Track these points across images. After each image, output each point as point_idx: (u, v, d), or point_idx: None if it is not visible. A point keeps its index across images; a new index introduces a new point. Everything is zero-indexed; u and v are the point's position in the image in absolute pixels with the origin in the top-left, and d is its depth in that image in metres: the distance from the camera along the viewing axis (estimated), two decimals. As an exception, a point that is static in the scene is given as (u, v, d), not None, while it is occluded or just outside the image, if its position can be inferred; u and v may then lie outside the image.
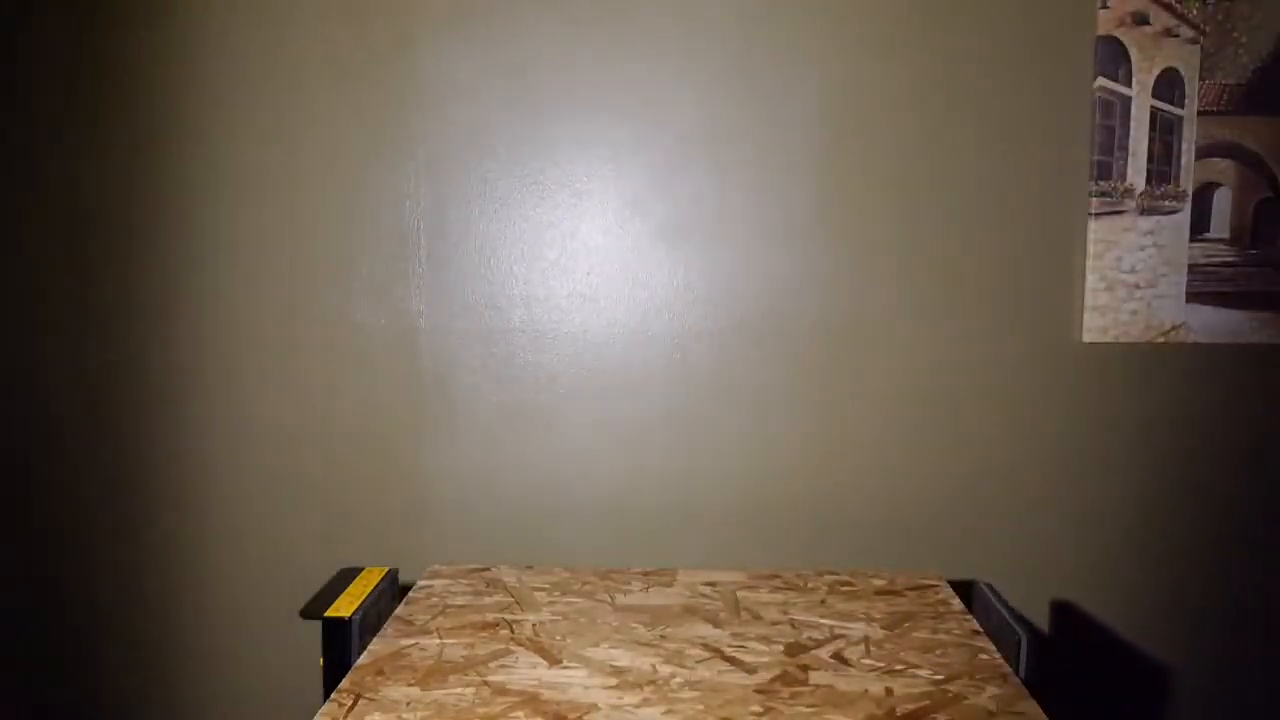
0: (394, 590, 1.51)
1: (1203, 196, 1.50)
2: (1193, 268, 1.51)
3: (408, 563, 1.60)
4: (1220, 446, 1.55)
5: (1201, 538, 1.57)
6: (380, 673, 1.15)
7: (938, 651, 1.22)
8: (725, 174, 1.53)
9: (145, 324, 1.57)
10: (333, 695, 1.10)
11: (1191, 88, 1.49)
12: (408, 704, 1.07)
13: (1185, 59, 1.49)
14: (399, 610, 1.34)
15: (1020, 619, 1.30)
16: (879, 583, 1.46)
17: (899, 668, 1.17)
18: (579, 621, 1.30)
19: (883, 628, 1.29)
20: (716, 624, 1.30)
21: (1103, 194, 1.50)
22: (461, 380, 1.57)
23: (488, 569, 1.51)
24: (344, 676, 1.22)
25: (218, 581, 1.62)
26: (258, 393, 1.58)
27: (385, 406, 1.57)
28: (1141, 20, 1.48)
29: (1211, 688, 1.59)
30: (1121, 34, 1.48)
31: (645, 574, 1.49)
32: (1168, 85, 1.49)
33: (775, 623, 1.31)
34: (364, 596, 1.37)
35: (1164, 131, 1.50)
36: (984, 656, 1.20)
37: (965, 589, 1.58)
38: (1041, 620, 1.59)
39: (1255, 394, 1.54)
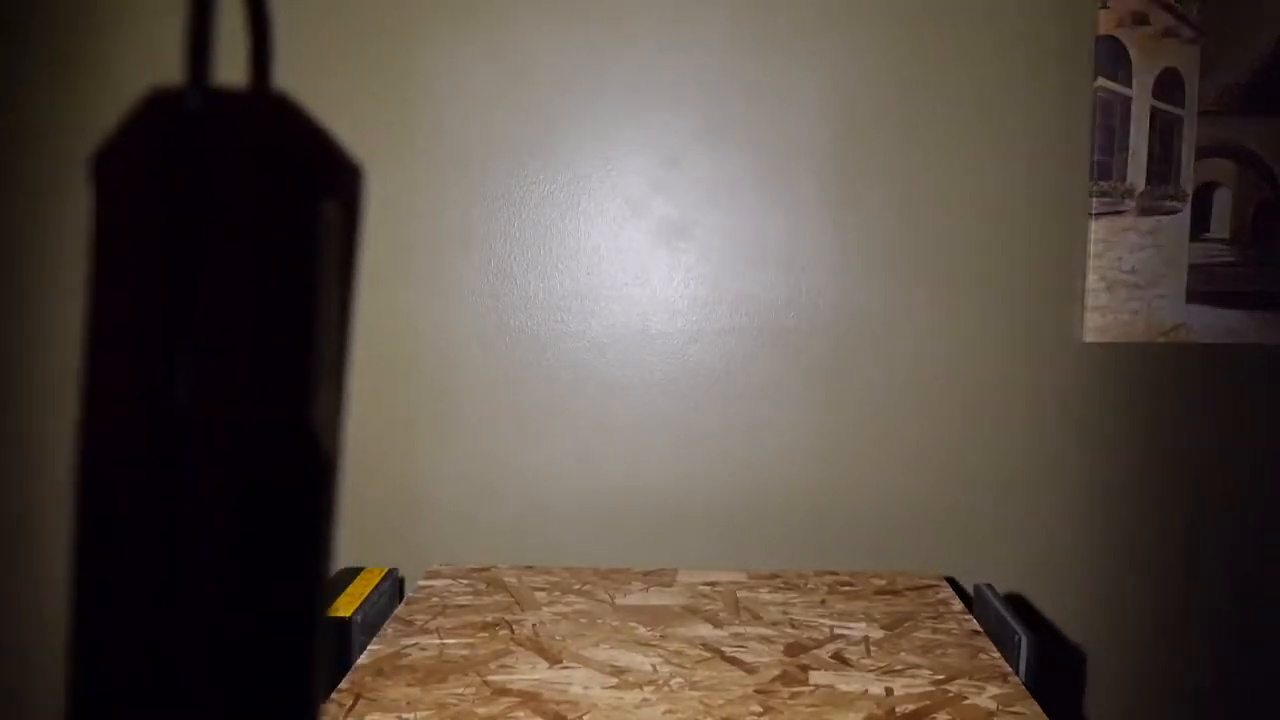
0: (394, 590, 1.51)
1: (1203, 196, 1.50)
2: (1193, 268, 1.51)
3: (408, 563, 1.60)
4: (1220, 446, 1.55)
5: (1204, 538, 1.57)
6: (380, 673, 1.15)
7: (938, 651, 1.22)
8: (725, 174, 1.53)
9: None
10: (333, 695, 1.10)
11: (1191, 88, 1.49)
12: (408, 704, 1.07)
13: (1185, 59, 1.49)
14: (399, 610, 1.34)
15: (1020, 619, 1.30)
16: (879, 583, 1.46)
17: (899, 668, 1.17)
18: (579, 621, 1.30)
19: (883, 628, 1.29)
20: (716, 624, 1.30)
21: (1103, 194, 1.50)
22: (461, 380, 1.57)
23: (488, 569, 1.51)
24: (344, 676, 1.21)
25: (218, 581, 1.62)
26: (258, 393, 1.58)
27: (385, 406, 1.57)
28: (1141, 20, 1.48)
29: (1216, 691, 1.59)
30: (1121, 34, 1.48)
31: (645, 574, 1.49)
32: (1168, 85, 1.49)
33: (775, 623, 1.31)
34: (364, 596, 1.36)
35: (1164, 131, 1.50)
36: (984, 656, 1.20)
37: (965, 589, 1.58)
38: (1039, 620, 1.59)
39: (1255, 394, 1.54)
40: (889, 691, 1.11)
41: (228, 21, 1.53)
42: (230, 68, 1.53)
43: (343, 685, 1.12)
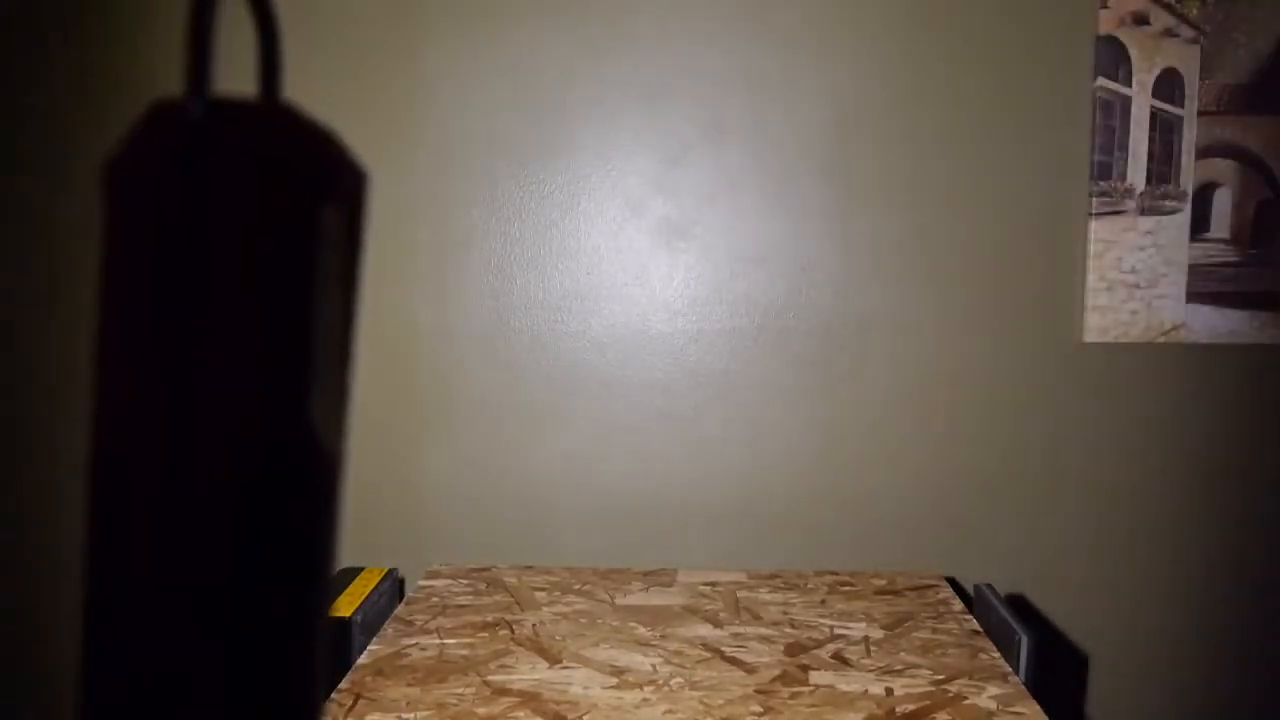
0: (394, 590, 1.51)
1: (1203, 196, 1.50)
2: (1193, 268, 1.51)
3: (408, 563, 1.60)
4: (1220, 446, 1.55)
5: (1203, 538, 1.57)
6: (380, 673, 1.15)
7: (938, 651, 1.22)
8: (725, 174, 1.53)
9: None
10: (333, 695, 1.10)
11: (1191, 88, 1.49)
12: (407, 704, 1.07)
13: (1185, 59, 1.49)
14: (399, 610, 1.34)
15: (1020, 619, 1.30)
16: (879, 583, 1.46)
17: (899, 668, 1.17)
18: (579, 621, 1.30)
19: (883, 628, 1.29)
20: (716, 624, 1.30)
21: (1103, 194, 1.50)
22: (461, 380, 1.57)
23: (488, 569, 1.51)
24: (344, 676, 1.21)
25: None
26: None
27: (385, 406, 1.57)
28: (1141, 20, 1.48)
29: (1217, 689, 1.59)
30: (1121, 34, 1.48)
31: (645, 574, 1.49)
32: (1168, 85, 1.49)
33: (775, 623, 1.31)
34: (364, 596, 1.37)
35: (1164, 131, 1.50)
36: (984, 656, 1.20)
37: (965, 589, 1.58)
38: (1039, 620, 1.59)
39: (1255, 394, 1.54)
40: (889, 691, 1.11)
41: (233, 28, 1.53)
42: (238, 73, 1.53)
43: (343, 685, 1.12)
